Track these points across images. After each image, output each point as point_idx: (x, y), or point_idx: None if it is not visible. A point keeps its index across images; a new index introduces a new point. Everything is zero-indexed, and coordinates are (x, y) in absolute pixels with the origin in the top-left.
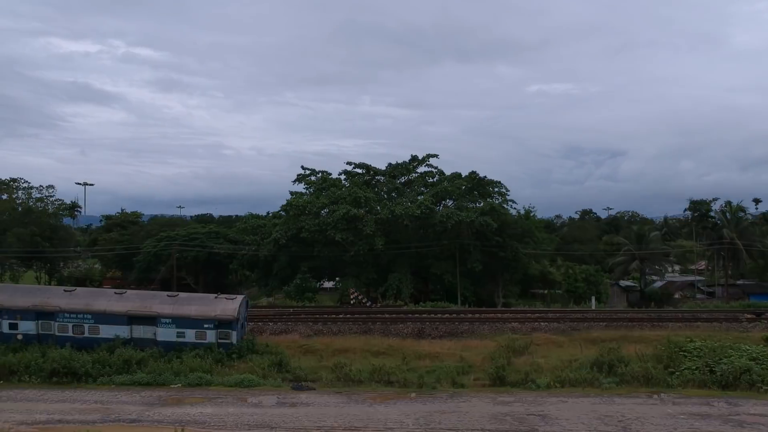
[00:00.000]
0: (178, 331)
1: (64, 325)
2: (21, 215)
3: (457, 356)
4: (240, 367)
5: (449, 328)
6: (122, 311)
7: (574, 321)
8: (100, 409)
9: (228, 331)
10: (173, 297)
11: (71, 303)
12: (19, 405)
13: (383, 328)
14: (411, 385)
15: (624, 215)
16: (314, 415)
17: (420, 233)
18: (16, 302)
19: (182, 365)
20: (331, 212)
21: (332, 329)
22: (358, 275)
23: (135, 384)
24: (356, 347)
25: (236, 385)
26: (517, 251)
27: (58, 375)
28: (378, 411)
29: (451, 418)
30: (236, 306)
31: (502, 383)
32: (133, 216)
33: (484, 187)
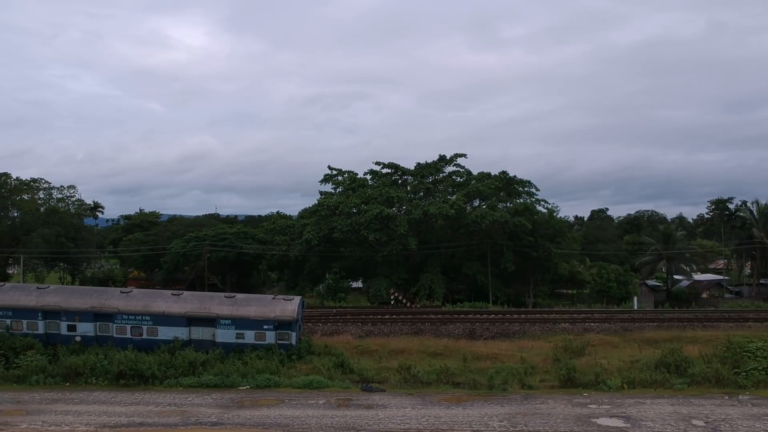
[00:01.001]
0: (237, 333)
1: (123, 327)
2: (45, 215)
3: (515, 357)
4: (302, 368)
5: (500, 328)
6: (181, 313)
7: (624, 321)
8: (177, 411)
9: (287, 332)
10: (231, 298)
11: (129, 304)
12: (94, 407)
13: (434, 329)
14: (480, 386)
15: (643, 215)
16: (396, 418)
17: (450, 233)
18: (74, 304)
19: (248, 367)
20: (362, 212)
21: (383, 330)
22: (389, 275)
23: (203, 386)
24: (412, 348)
25: (305, 387)
26: (549, 251)
27: (125, 377)
28: (458, 413)
29: (535, 420)
30: (295, 307)
31: (572, 384)
32: (151, 216)
33: (513, 187)
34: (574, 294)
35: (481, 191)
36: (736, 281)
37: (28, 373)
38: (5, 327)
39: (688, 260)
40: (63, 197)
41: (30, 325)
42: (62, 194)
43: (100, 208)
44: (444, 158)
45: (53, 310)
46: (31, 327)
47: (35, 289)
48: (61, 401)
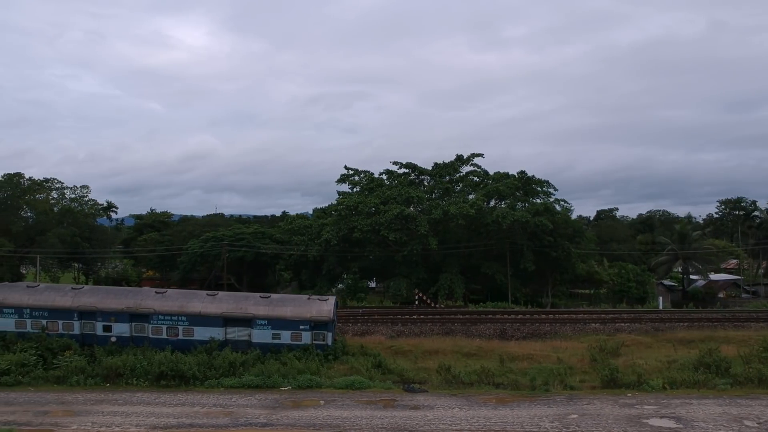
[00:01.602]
0: (273, 333)
1: (158, 327)
2: (60, 216)
3: (550, 358)
4: (339, 369)
5: (530, 329)
6: (217, 313)
7: (654, 322)
8: (224, 412)
9: (323, 332)
10: (266, 298)
11: (165, 305)
12: (139, 408)
13: (464, 329)
14: (522, 387)
15: (655, 214)
16: (445, 419)
17: (468, 233)
18: (110, 304)
19: (288, 367)
20: (382, 212)
21: (413, 330)
22: (408, 275)
23: (244, 387)
24: (446, 349)
25: (347, 387)
26: (569, 251)
27: (166, 378)
28: (507, 414)
29: (587, 421)
30: (331, 307)
31: (615, 385)
32: (163, 216)
33: (531, 186)
34: (590, 294)
35: (500, 191)
36: (751, 281)
37: (69, 374)
38: (41, 327)
39: (704, 260)
40: (76, 197)
41: (66, 325)
42: (75, 194)
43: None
44: (461, 158)
45: (89, 311)
46: (67, 327)
47: (70, 290)
48: (105, 402)
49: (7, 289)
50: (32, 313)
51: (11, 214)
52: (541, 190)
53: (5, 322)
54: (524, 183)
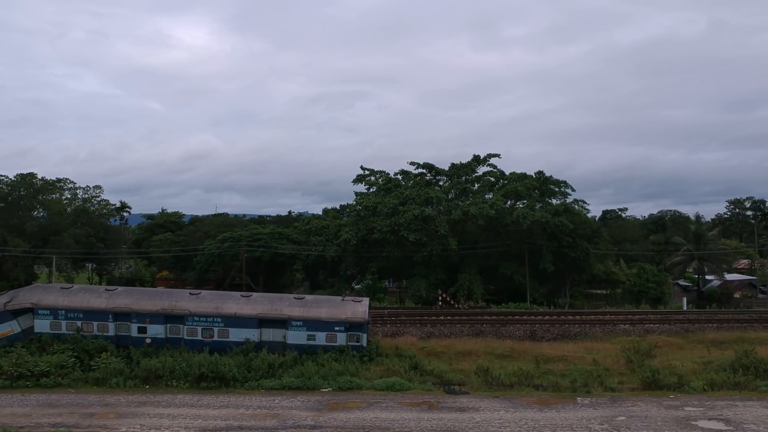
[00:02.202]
0: (308, 334)
1: (194, 329)
2: (74, 216)
3: (585, 359)
4: (375, 370)
5: (560, 330)
6: (253, 314)
7: (682, 322)
8: (270, 414)
9: (358, 333)
10: (301, 299)
11: (200, 306)
12: (184, 410)
13: (494, 330)
14: (563, 389)
15: (666, 214)
16: (493, 421)
17: (486, 233)
18: (145, 306)
19: (327, 369)
20: (401, 212)
21: (443, 331)
22: (426, 276)
23: (284, 388)
24: (478, 350)
25: (387, 389)
26: (587, 251)
27: (206, 379)
28: (554, 416)
29: (636, 423)
30: (366, 308)
31: (656, 387)
32: (174, 216)
33: (549, 187)
34: (607, 294)
35: (519, 191)
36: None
37: (108, 376)
38: (75, 329)
39: (720, 260)
40: (89, 197)
41: (100, 327)
42: (88, 194)
43: (126, 208)
44: (478, 158)
45: (124, 312)
46: (102, 329)
47: (104, 291)
48: (148, 404)
49: (41, 290)
50: (67, 315)
51: (25, 214)
52: (559, 190)
53: (40, 324)
54: (542, 183)
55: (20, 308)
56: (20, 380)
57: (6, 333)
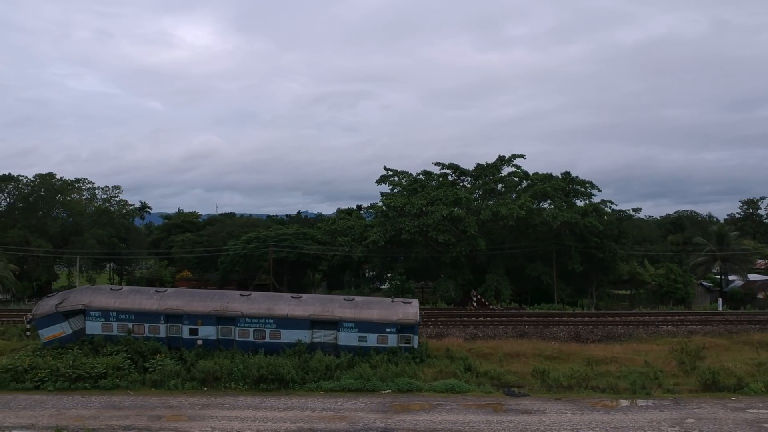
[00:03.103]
0: (360, 336)
1: (245, 330)
2: (96, 216)
3: (634, 361)
4: (428, 372)
5: (604, 331)
6: (304, 316)
7: (724, 324)
8: (337, 417)
9: (410, 335)
10: (351, 301)
11: (252, 308)
12: (250, 413)
13: (538, 332)
14: (622, 391)
15: (682, 214)
16: (564, 423)
17: (513, 234)
18: (197, 307)
19: (383, 370)
20: (429, 213)
21: (486, 332)
22: (454, 276)
23: (343, 390)
24: (526, 351)
25: (446, 391)
26: (615, 252)
27: (265, 381)
28: (623, 418)
29: (707, 425)
30: (416, 309)
31: (715, 388)
32: (191, 216)
33: (574, 187)
34: (631, 295)
35: (547, 192)
36: None
37: (165, 378)
38: (127, 330)
39: (743, 260)
40: (108, 197)
41: (152, 328)
42: (107, 194)
43: (147, 208)
44: (503, 158)
45: (176, 314)
46: (153, 330)
47: (155, 293)
48: (212, 406)
49: (92, 292)
50: (118, 316)
51: (45, 214)
52: (584, 191)
53: (92, 326)
54: (568, 183)
55: (72, 310)
56: (78, 382)
57: (58, 334)
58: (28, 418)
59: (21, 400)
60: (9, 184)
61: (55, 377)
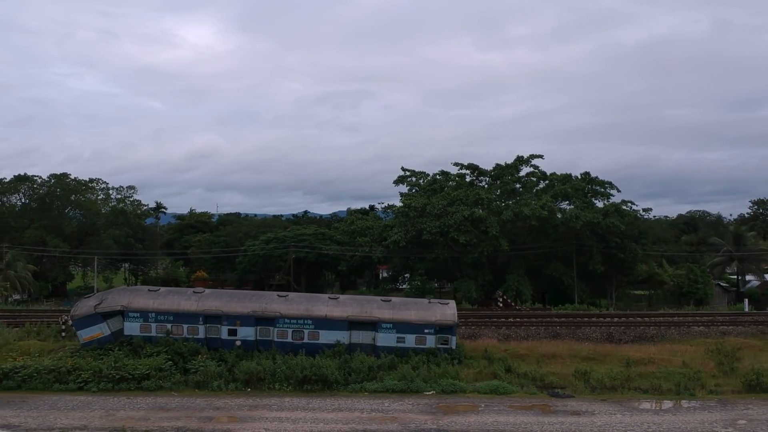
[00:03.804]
0: (398, 336)
1: (284, 331)
2: (113, 216)
3: (671, 361)
4: (467, 373)
5: (636, 332)
6: (343, 316)
7: (755, 324)
8: (387, 418)
9: (448, 336)
10: (388, 302)
11: (291, 308)
12: (299, 414)
13: (570, 333)
14: (666, 392)
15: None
16: (616, 425)
17: (533, 234)
18: (235, 308)
19: (424, 371)
20: (450, 213)
21: (519, 333)
22: (474, 277)
23: (388, 391)
24: (562, 353)
25: (491, 392)
26: (636, 252)
27: (309, 382)
28: (674, 419)
29: (761, 427)
30: (454, 310)
31: (760, 389)
32: (204, 216)
33: (593, 188)
34: (649, 295)
35: (568, 192)
36: None
37: (208, 379)
38: (165, 331)
39: (759, 260)
40: (122, 197)
41: (191, 329)
42: (121, 194)
43: (162, 208)
44: (521, 158)
45: (214, 315)
46: (192, 331)
47: (193, 293)
48: (259, 407)
49: (131, 293)
50: (157, 317)
51: (60, 214)
52: (603, 191)
53: (131, 326)
54: (587, 183)
55: (110, 311)
56: (122, 383)
57: (96, 335)
58: (79, 419)
59: (67, 401)
60: (23, 184)
61: (98, 378)
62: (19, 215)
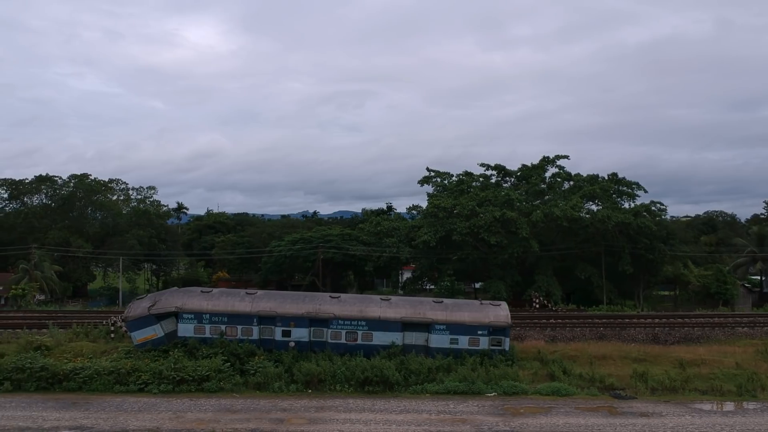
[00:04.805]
0: (451, 338)
1: (338, 332)
2: (136, 216)
3: (723, 362)
4: (523, 375)
5: (682, 333)
6: (397, 318)
7: None
8: (456, 419)
9: (501, 337)
10: (440, 303)
11: (344, 310)
12: (368, 415)
13: (615, 334)
14: (727, 393)
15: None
16: (690, 426)
17: (561, 235)
18: (290, 309)
19: (481, 373)
20: (479, 214)
21: (564, 335)
22: (502, 277)
23: (449, 393)
24: (612, 354)
25: (552, 394)
26: (664, 253)
27: (371, 384)
28: (745, 421)
29: None
30: (507, 312)
31: None
32: (221, 217)
33: (621, 188)
34: (675, 296)
35: (597, 193)
36: None
37: (269, 380)
38: (219, 333)
39: None
40: (142, 198)
41: (245, 330)
42: (141, 195)
43: (184, 209)
44: (547, 159)
45: (269, 316)
46: (246, 332)
47: (246, 294)
48: (326, 409)
49: (184, 294)
50: (211, 318)
51: (81, 215)
52: (631, 192)
53: (185, 328)
54: (614, 184)
55: (165, 312)
56: (182, 384)
57: (150, 337)
58: (149, 421)
59: (131, 402)
60: (44, 184)
61: (158, 380)
62: (41, 216)
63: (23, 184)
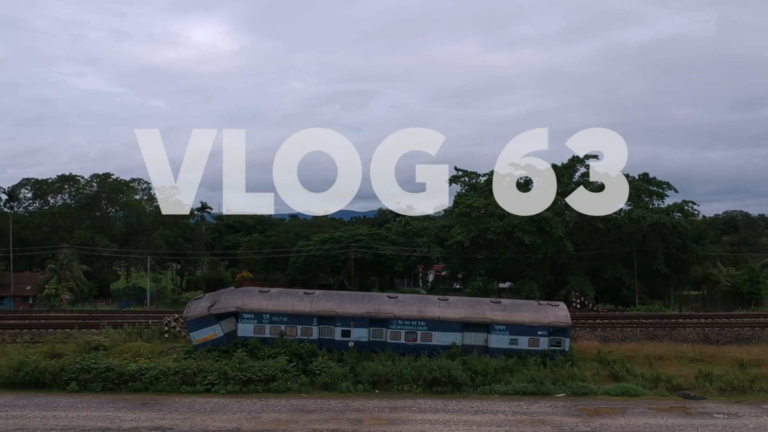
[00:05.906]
0: (511, 338)
1: (397, 332)
2: (162, 216)
3: None
4: (585, 375)
5: (732, 333)
6: (456, 318)
7: None
8: (534, 420)
9: (561, 338)
10: (498, 303)
11: (404, 310)
12: (443, 416)
13: (666, 334)
14: None
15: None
16: None
17: (593, 235)
18: (349, 309)
19: (555, 373)
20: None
21: (615, 335)
22: (535, 277)
23: (518, 393)
24: (668, 354)
25: (621, 394)
26: (696, 253)
27: (438, 384)
28: None
29: None
30: (567, 312)
31: None
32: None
33: (651, 188)
34: (704, 296)
35: (629, 193)
36: None
37: (335, 381)
38: (279, 333)
39: None
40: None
41: (304, 330)
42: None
43: (207, 208)
44: (577, 158)
45: (328, 316)
46: (306, 332)
47: (304, 294)
48: (399, 409)
49: (243, 294)
50: (271, 318)
51: (103, 214)
52: (661, 191)
53: (245, 328)
54: (645, 183)
55: (224, 312)
56: (249, 385)
57: (210, 337)
58: (227, 422)
59: (201, 403)
60: (67, 184)
61: (224, 380)
62: (66, 216)
63: (46, 183)
